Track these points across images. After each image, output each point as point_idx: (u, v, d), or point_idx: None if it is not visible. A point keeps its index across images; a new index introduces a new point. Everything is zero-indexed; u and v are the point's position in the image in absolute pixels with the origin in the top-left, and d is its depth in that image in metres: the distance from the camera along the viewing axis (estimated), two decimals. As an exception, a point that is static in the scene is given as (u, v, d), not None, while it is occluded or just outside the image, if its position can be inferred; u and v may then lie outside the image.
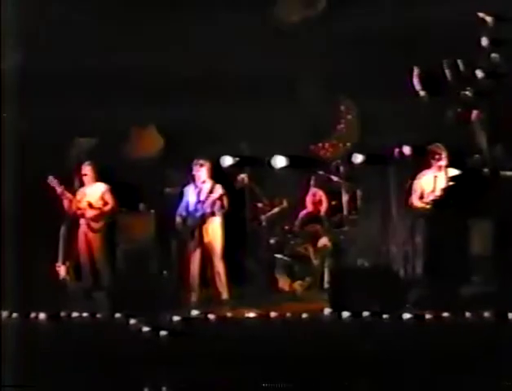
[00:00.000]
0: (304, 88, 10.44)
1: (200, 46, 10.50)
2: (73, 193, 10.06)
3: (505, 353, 6.55)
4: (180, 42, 10.48)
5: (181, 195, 9.71)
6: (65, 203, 9.98)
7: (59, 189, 9.92)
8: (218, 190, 9.53)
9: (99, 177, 10.11)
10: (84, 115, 10.58)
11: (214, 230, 9.48)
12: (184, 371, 6.59)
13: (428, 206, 9.13)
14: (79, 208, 9.94)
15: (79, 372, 6.71)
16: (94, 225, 9.91)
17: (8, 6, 9.88)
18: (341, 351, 6.94)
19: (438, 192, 9.08)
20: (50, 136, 10.47)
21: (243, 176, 9.93)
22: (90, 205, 9.94)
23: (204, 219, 9.46)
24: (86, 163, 10.12)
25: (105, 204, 10.00)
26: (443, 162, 9.14)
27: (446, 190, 9.07)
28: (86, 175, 10.05)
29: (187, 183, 9.69)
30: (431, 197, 9.11)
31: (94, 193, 10.05)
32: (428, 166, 9.26)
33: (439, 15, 9.54)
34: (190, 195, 9.63)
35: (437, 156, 9.14)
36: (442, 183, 9.12)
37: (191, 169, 9.68)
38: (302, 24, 10.55)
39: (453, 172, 9.14)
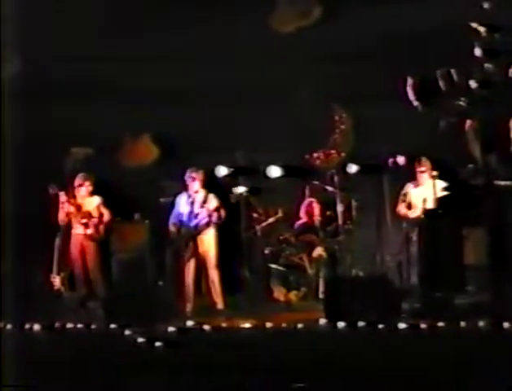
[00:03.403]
0: (298, 98, 10.47)
1: (196, 56, 10.53)
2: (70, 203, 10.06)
3: (501, 363, 6.56)
4: (177, 52, 10.51)
5: (173, 203, 9.71)
6: (62, 212, 9.96)
7: (62, 197, 9.91)
8: (212, 200, 9.53)
9: (95, 188, 10.11)
10: (79, 125, 10.58)
11: (208, 239, 9.49)
12: (180, 382, 6.57)
13: (416, 215, 9.16)
14: (79, 217, 9.92)
15: (74, 383, 6.69)
16: (94, 235, 9.91)
17: (7, 17, 9.89)
18: (336, 361, 6.94)
19: (430, 204, 9.13)
20: (45, 146, 10.47)
21: (241, 191, 9.90)
22: (90, 215, 9.95)
23: (199, 230, 9.47)
24: (82, 175, 10.10)
25: (101, 215, 10.02)
26: (425, 176, 9.21)
27: (438, 201, 9.12)
28: (82, 187, 10.04)
29: (180, 193, 9.70)
30: (420, 208, 9.14)
31: (90, 204, 10.05)
32: (415, 177, 9.35)
33: (432, 26, 9.59)
34: (182, 205, 9.63)
35: (421, 169, 9.22)
36: (430, 196, 9.17)
37: (184, 179, 9.69)
38: (297, 34, 10.59)
39: (441, 185, 9.21)
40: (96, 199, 10.06)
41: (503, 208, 8.80)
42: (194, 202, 9.59)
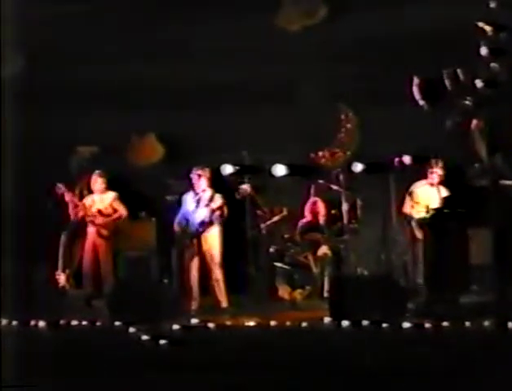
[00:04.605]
0: (304, 97, 10.47)
1: (200, 55, 10.55)
2: (78, 200, 10.07)
3: (505, 362, 6.55)
4: (181, 52, 10.53)
5: (179, 203, 9.72)
6: (72, 210, 9.98)
7: (67, 196, 9.94)
8: (218, 199, 9.53)
9: (108, 185, 10.14)
10: (85, 123, 10.61)
11: (213, 238, 9.49)
12: (184, 380, 6.58)
13: (420, 215, 9.16)
14: (88, 215, 9.95)
15: (78, 380, 6.70)
16: (104, 232, 9.93)
17: (7, 17, 9.91)
18: (340, 360, 6.94)
19: (436, 205, 9.14)
20: (51, 145, 10.49)
21: (245, 186, 9.90)
22: (100, 212, 9.97)
23: (203, 228, 9.47)
24: (96, 172, 10.12)
25: (114, 211, 10.04)
26: (437, 178, 9.25)
27: (444, 200, 9.13)
28: (95, 185, 10.05)
29: (187, 191, 9.70)
30: (425, 208, 9.14)
31: (103, 201, 10.06)
32: (424, 176, 9.37)
33: (438, 25, 9.58)
34: (189, 203, 9.63)
35: (433, 171, 9.28)
36: (436, 199, 9.19)
37: (191, 177, 9.69)
38: (303, 33, 10.59)
39: (445, 193, 9.22)
40: (110, 196, 10.08)
41: (508, 207, 8.79)
42: (200, 200, 9.59)
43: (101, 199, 10.06)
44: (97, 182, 10.05)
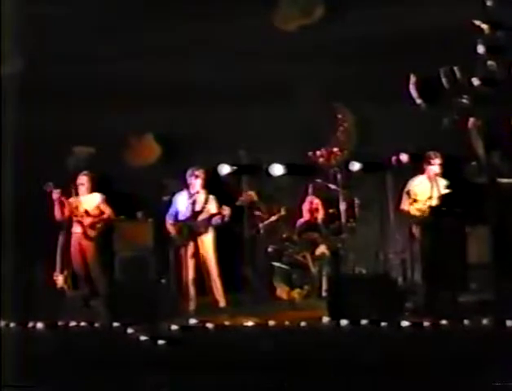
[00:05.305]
0: (301, 96, 10.47)
1: (198, 54, 10.54)
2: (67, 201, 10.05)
3: (504, 360, 6.56)
4: (178, 51, 10.52)
5: (171, 201, 9.69)
6: (59, 210, 9.93)
7: (55, 195, 9.90)
8: (212, 201, 9.50)
9: (97, 186, 10.10)
10: (82, 124, 10.59)
11: (209, 239, 9.47)
12: (183, 380, 6.58)
13: (419, 213, 9.14)
14: (76, 215, 9.93)
15: (77, 381, 6.70)
16: (90, 232, 9.90)
17: (7, 17, 9.90)
18: (339, 359, 6.94)
19: (434, 201, 9.12)
20: (48, 145, 10.48)
21: (251, 193, 9.86)
22: (87, 213, 9.94)
23: (200, 230, 9.45)
24: (83, 173, 10.11)
25: (101, 213, 10.00)
26: (436, 169, 9.22)
27: (441, 198, 9.12)
28: (82, 185, 10.04)
29: (181, 191, 9.68)
30: (427, 204, 9.13)
31: (90, 202, 10.04)
32: (422, 172, 9.35)
33: (435, 23, 9.58)
34: (180, 203, 9.60)
35: (431, 162, 9.23)
36: (436, 192, 9.17)
37: (186, 177, 9.67)
38: (300, 32, 10.59)
39: (444, 184, 9.22)
40: (97, 197, 10.05)
41: (506, 205, 8.79)
42: (195, 202, 9.57)
43: (88, 200, 10.03)
44: (83, 182, 10.02)
